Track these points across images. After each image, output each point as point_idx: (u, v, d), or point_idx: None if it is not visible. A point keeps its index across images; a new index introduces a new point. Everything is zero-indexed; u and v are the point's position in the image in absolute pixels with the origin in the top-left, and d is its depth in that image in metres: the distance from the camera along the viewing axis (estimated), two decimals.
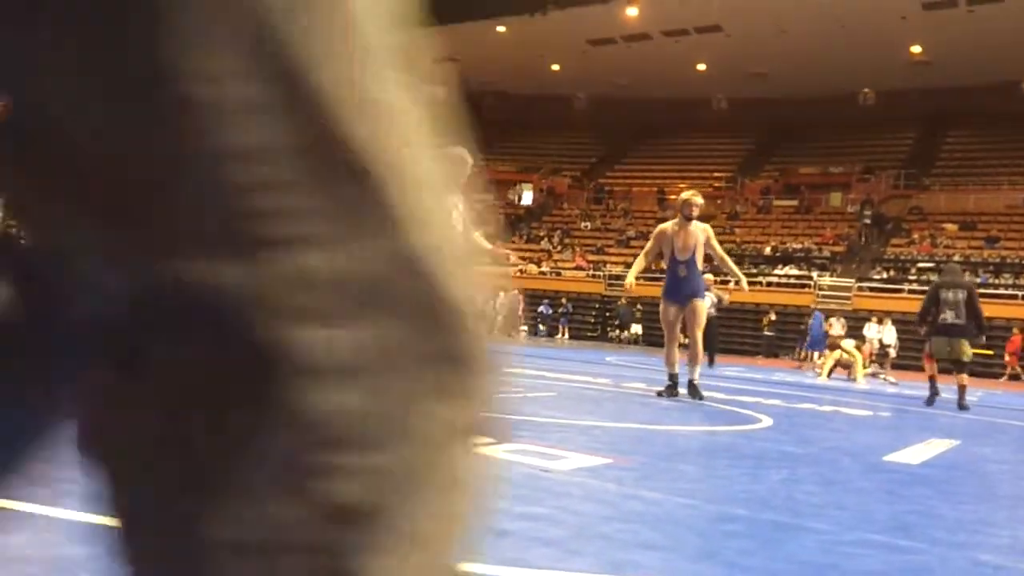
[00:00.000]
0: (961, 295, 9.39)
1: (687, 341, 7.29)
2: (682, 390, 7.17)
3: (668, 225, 7.39)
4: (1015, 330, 18.67)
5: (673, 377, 7.17)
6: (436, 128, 0.41)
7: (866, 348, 16.73)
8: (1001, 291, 25.47)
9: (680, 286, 7.20)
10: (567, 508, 2.52)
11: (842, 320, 22.32)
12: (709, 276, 16.70)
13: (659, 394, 7.16)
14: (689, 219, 7.21)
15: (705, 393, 8.13)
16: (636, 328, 28.54)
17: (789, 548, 2.33)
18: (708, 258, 7.45)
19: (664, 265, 7.40)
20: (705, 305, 7.40)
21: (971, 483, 4.10)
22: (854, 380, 14.60)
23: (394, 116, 0.38)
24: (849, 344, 15.68)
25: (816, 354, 20.80)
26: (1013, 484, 4.28)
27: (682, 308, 7.19)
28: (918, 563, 2.29)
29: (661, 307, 7.34)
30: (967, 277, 10.33)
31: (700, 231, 7.23)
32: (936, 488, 3.71)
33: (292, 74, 0.34)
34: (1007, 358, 22.36)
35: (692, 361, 7.24)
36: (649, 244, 7.58)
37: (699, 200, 7.37)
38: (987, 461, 5.10)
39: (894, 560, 2.30)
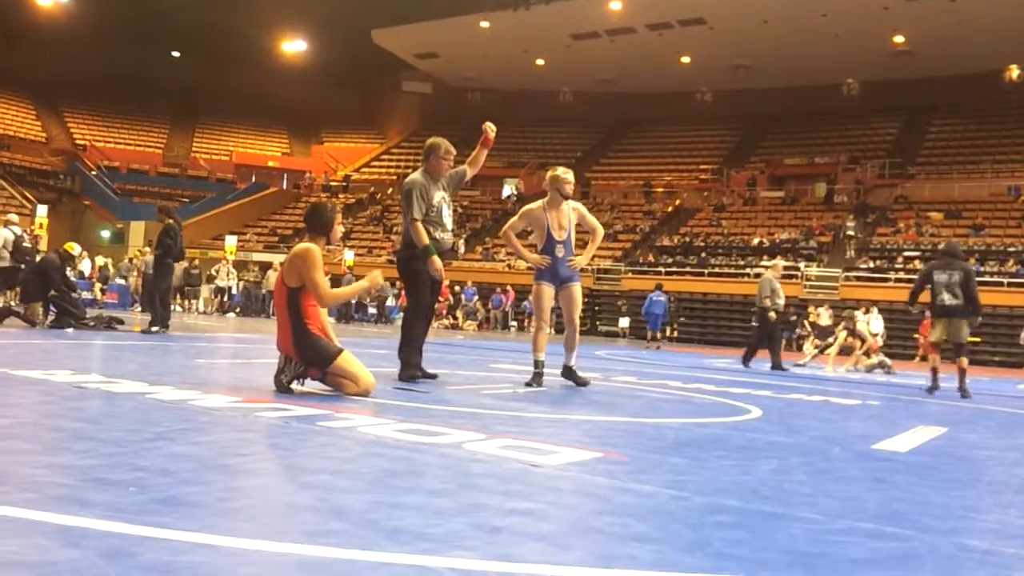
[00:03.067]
0: (956, 276, 9.31)
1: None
2: (554, 378, 6.96)
3: (538, 204, 7.04)
4: (927, 312, 18.81)
5: (539, 364, 6.72)
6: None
7: (869, 338, 16.70)
8: (987, 278, 25.61)
9: (557, 267, 6.89)
10: (558, 502, 2.53)
11: (830, 310, 22.38)
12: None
13: (527, 384, 6.60)
14: (566, 197, 6.97)
15: (696, 385, 8.17)
16: (624, 322, 28.63)
17: (779, 538, 2.34)
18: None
19: (539, 245, 7.00)
20: (580, 289, 7.03)
21: (958, 470, 4.13)
22: (854, 367, 14.64)
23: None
24: (864, 326, 15.51)
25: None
26: (999, 470, 4.31)
27: (557, 290, 6.93)
28: (906, 550, 2.31)
29: (535, 289, 6.97)
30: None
31: (571, 210, 7.02)
32: (924, 475, 3.73)
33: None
34: (920, 339, 22.52)
35: (568, 346, 7.04)
36: (514, 220, 7.19)
37: (571, 177, 7.06)
38: (974, 447, 5.13)
39: (883, 548, 2.31)
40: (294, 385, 4.94)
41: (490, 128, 6.92)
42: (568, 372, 7.03)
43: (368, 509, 2.29)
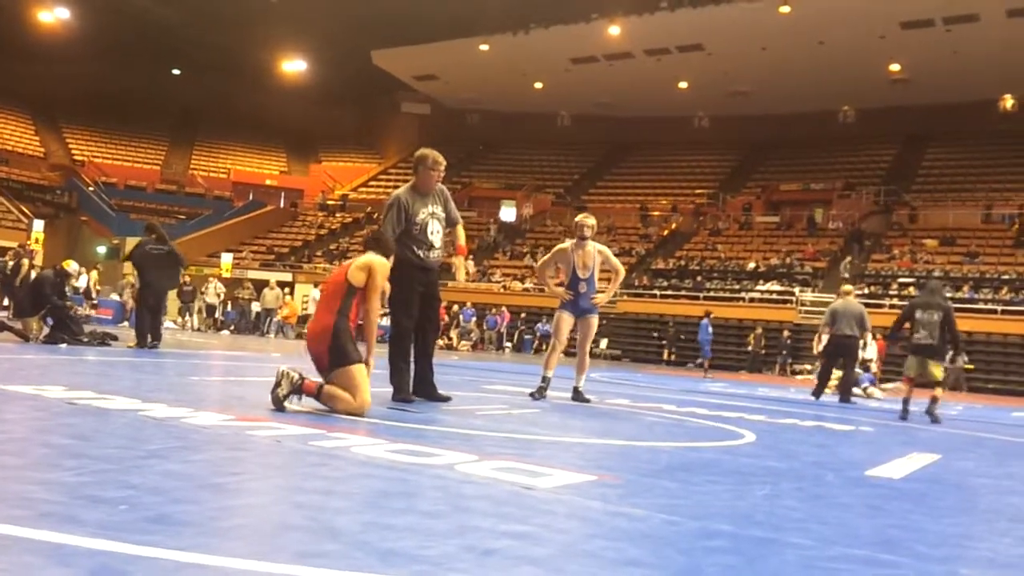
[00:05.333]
0: (936, 316, 9.48)
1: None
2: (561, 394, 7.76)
3: (567, 245, 7.89)
4: (878, 336, 19.16)
5: (546, 379, 7.64)
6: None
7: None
8: (980, 306, 25.69)
9: (579, 300, 7.74)
10: (552, 526, 2.52)
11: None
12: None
13: (531, 395, 7.55)
14: (584, 239, 7.74)
15: (689, 409, 8.16)
16: (602, 343, 28.73)
17: (772, 564, 2.34)
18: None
19: (565, 280, 7.87)
20: (597, 321, 7.95)
21: (952, 497, 4.13)
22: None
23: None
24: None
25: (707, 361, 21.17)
26: (993, 498, 4.31)
27: (576, 320, 7.79)
28: None
29: (556, 315, 7.90)
30: (947, 294, 10.39)
31: (596, 251, 7.80)
32: (918, 502, 3.73)
33: None
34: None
35: (579, 370, 7.88)
36: (547, 257, 8.23)
37: (591, 221, 7.85)
38: (968, 475, 5.13)
39: (876, 575, 2.31)
40: (289, 403, 4.91)
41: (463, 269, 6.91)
42: (576, 393, 7.76)
43: (361, 530, 2.28)
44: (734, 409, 8.75)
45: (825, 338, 12.54)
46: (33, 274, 12.79)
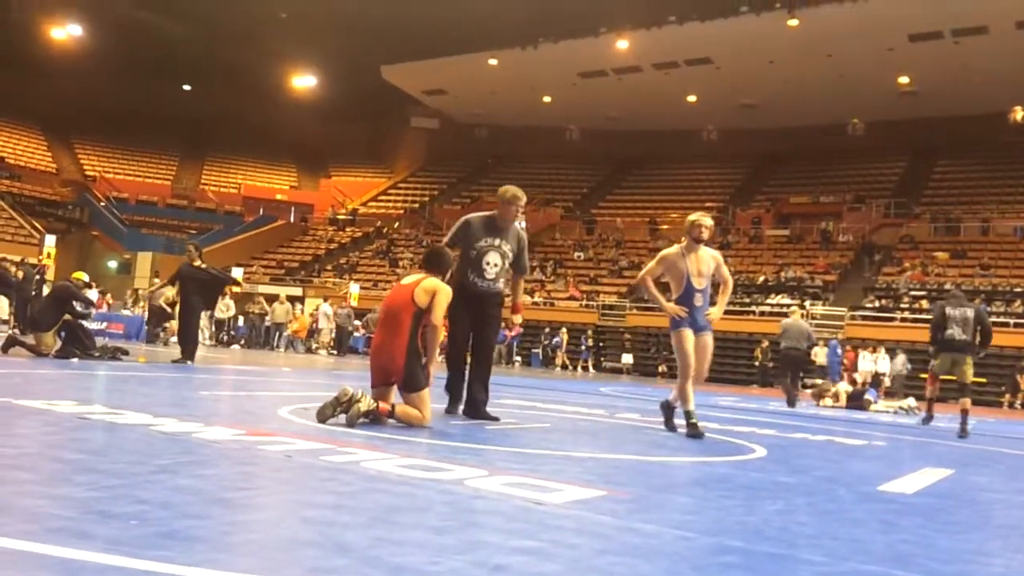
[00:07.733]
0: (969, 312, 9.50)
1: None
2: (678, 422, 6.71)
3: (675, 250, 6.72)
4: (848, 347, 19.23)
5: (690, 415, 6.39)
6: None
7: (859, 378, 16.70)
8: (993, 319, 25.52)
9: (697, 316, 6.54)
10: (561, 541, 2.51)
11: (825, 348, 22.13)
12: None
13: (690, 436, 6.35)
14: (698, 242, 6.60)
15: (700, 423, 8.13)
16: (627, 358, 28.64)
17: None
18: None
19: (675, 293, 6.64)
20: (712, 339, 6.68)
21: (965, 512, 4.09)
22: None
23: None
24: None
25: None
26: (1007, 513, 4.27)
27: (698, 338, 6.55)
28: None
29: (677, 335, 6.51)
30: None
31: (710, 257, 6.68)
32: (930, 518, 3.70)
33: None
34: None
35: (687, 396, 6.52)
36: (652, 265, 6.86)
37: (708, 222, 6.69)
38: (981, 490, 5.09)
39: None
40: (333, 420, 5.03)
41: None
42: (691, 427, 6.44)
43: (370, 545, 2.27)
44: (745, 424, 8.70)
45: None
46: (45, 289, 12.88)
